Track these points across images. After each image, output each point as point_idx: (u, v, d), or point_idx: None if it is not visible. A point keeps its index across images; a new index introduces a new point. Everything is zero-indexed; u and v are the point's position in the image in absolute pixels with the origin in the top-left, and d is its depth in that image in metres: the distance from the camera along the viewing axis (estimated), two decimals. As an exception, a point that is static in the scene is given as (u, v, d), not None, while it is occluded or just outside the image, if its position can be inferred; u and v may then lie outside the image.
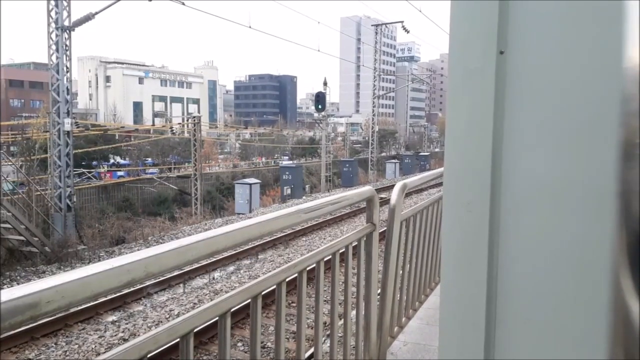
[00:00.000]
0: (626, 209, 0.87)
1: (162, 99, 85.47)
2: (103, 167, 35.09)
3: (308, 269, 1.98)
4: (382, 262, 3.02)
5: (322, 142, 31.61)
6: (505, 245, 0.98)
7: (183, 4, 14.92)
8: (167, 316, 8.29)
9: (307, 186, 31.96)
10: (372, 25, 39.17)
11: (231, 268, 10.94)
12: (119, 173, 33.98)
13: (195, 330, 1.38)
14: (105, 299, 8.11)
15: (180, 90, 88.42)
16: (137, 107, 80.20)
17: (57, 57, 15.37)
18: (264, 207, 23.21)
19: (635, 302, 0.82)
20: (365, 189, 2.62)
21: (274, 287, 1.79)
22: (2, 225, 13.00)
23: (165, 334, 1.26)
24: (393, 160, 41.86)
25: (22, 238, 13.24)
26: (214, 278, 10.28)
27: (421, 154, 50.64)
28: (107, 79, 79.94)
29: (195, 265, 10.01)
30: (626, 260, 0.88)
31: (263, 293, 1.70)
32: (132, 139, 38.16)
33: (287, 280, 1.84)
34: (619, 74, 0.87)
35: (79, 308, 7.72)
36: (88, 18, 15.26)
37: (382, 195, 19.46)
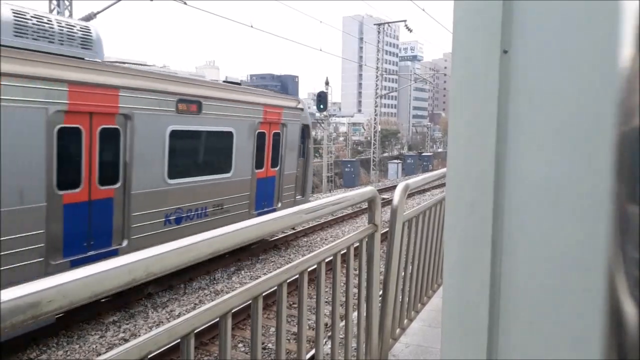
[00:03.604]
0: (629, 211, 0.87)
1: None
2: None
3: (309, 270, 1.97)
4: (383, 263, 3.02)
5: (324, 142, 31.61)
6: (508, 246, 0.97)
7: (185, 3, 14.94)
8: (168, 317, 8.30)
9: (308, 186, 31.92)
10: (374, 25, 39.18)
11: (232, 269, 10.94)
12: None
13: (196, 330, 1.37)
14: (106, 299, 8.12)
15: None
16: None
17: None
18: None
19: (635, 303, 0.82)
20: (367, 190, 2.62)
21: (275, 288, 1.79)
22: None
23: (165, 335, 1.25)
24: (395, 161, 41.88)
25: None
26: (214, 278, 10.29)
27: (424, 154, 50.65)
28: (110, 78, 79.95)
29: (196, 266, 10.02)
30: (630, 262, 0.87)
31: (264, 294, 1.70)
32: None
33: (288, 281, 1.83)
34: (625, 74, 0.86)
35: (80, 309, 7.73)
36: (89, 17, 15.29)
37: (384, 196, 19.48)
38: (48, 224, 6.74)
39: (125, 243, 8.02)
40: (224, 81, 12.32)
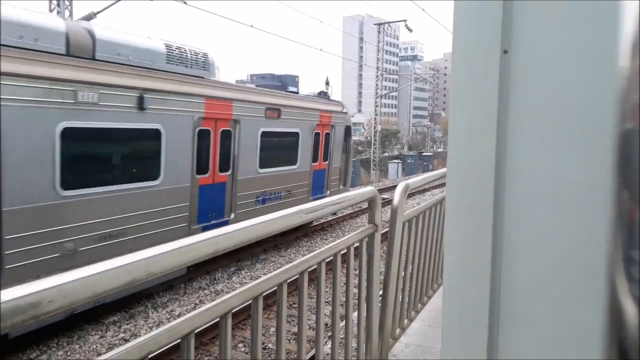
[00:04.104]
0: (629, 210, 0.87)
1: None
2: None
3: (309, 269, 1.97)
4: (384, 263, 3.02)
5: (324, 143, 31.51)
6: (508, 246, 0.97)
7: (185, 3, 14.93)
8: (168, 317, 8.30)
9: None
10: (374, 25, 39.15)
11: (232, 269, 10.94)
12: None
13: (196, 330, 1.37)
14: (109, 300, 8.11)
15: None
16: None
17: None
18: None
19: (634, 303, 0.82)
20: (367, 190, 2.61)
21: (275, 288, 1.78)
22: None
23: (166, 335, 1.25)
24: (395, 161, 41.81)
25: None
26: (215, 278, 10.29)
27: (424, 154, 50.62)
28: (110, 78, 79.97)
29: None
30: (630, 262, 0.87)
31: (264, 294, 1.70)
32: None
33: (289, 281, 1.83)
34: (625, 73, 0.86)
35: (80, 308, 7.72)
36: (90, 17, 15.28)
37: (385, 196, 19.47)
38: (191, 199, 9.39)
39: (232, 216, 10.76)
40: (287, 91, 14.60)
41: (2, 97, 6.03)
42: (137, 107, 7.90)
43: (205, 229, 8.88)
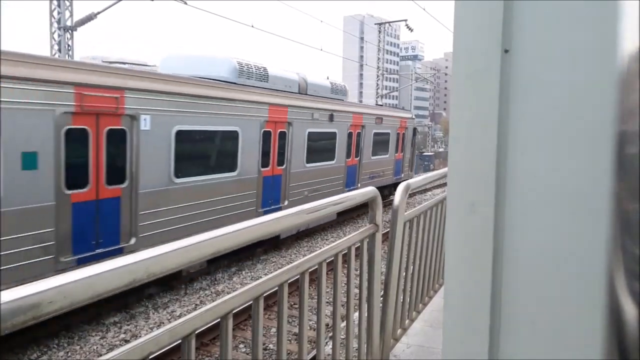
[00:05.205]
0: (629, 210, 0.87)
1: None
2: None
3: (310, 270, 1.97)
4: (385, 263, 3.01)
5: (325, 143, 31.53)
6: (510, 246, 0.97)
7: (185, 3, 14.93)
8: (169, 317, 8.30)
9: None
10: (375, 24, 39.10)
11: (233, 269, 10.94)
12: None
13: (197, 331, 1.37)
14: (110, 303, 8.11)
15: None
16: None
17: (59, 57, 15.42)
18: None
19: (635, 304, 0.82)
20: (368, 190, 2.61)
21: (276, 288, 1.78)
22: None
23: (166, 335, 1.25)
24: (396, 161, 41.65)
25: None
26: (215, 279, 10.29)
27: (425, 153, 50.57)
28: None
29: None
30: (630, 261, 0.87)
31: (265, 294, 1.69)
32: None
33: (289, 281, 1.83)
34: (625, 73, 0.86)
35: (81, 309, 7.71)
36: (90, 18, 15.29)
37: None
38: (344, 173, 16.09)
39: (359, 185, 16.93)
40: (378, 104, 23.19)
41: (301, 118, 13.23)
42: (329, 120, 14.63)
43: (349, 190, 15.58)
